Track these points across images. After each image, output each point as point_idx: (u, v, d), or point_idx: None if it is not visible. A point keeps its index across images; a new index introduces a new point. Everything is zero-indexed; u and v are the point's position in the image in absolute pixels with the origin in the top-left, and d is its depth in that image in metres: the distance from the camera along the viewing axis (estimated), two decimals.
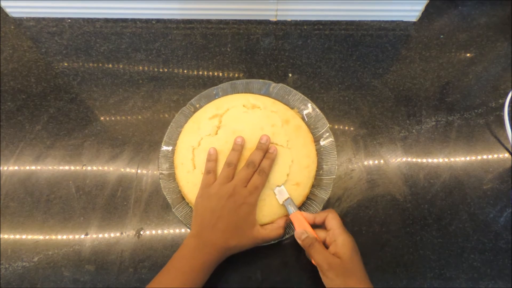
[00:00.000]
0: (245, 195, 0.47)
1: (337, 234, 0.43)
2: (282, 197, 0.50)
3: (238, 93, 0.60)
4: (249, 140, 0.53)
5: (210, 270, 0.44)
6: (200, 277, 0.43)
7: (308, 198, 0.53)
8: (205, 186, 0.49)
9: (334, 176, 0.53)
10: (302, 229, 0.46)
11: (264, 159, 0.51)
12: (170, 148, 0.56)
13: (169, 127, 0.58)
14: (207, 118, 0.56)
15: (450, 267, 0.50)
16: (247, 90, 0.61)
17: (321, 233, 0.46)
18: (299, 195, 0.52)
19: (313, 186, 0.53)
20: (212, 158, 0.51)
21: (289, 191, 0.51)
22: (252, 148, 0.52)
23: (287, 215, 0.50)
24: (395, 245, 0.52)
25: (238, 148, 0.51)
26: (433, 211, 0.54)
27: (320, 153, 0.55)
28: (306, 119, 0.58)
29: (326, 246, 0.45)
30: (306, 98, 0.59)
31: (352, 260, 0.42)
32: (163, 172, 0.54)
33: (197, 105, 0.59)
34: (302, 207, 0.52)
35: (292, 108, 0.59)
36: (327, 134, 0.56)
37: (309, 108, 0.59)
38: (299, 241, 0.46)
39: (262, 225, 0.49)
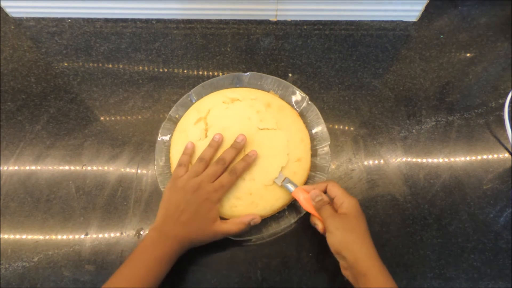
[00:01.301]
0: (209, 191, 0.47)
1: (343, 198, 0.45)
2: (279, 180, 0.51)
3: (213, 92, 0.60)
4: (240, 131, 0.54)
5: (171, 261, 0.45)
6: (162, 267, 0.44)
7: (311, 170, 0.54)
8: (174, 178, 0.49)
9: (329, 142, 0.56)
10: (318, 191, 0.47)
11: (240, 160, 0.51)
12: (162, 163, 0.55)
13: (156, 145, 0.56)
14: (192, 124, 0.56)
15: (450, 267, 0.50)
16: (219, 87, 0.60)
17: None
18: (303, 169, 0.53)
19: (312, 156, 0.55)
20: (187, 152, 0.52)
21: (293, 168, 0.52)
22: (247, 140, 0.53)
23: (251, 214, 0.49)
24: (395, 245, 0.52)
25: (214, 144, 0.52)
26: (433, 211, 0.54)
27: (307, 124, 0.58)
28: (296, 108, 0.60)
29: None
30: (277, 78, 0.60)
31: (357, 219, 0.44)
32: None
33: (177, 116, 0.59)
34: (308, 180, 0.54)
35: (268, 91, 0.60)
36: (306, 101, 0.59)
37: (297, 94, 0.60)
38: (313, 203, 0.47)
39: (223, 219, 0.49)
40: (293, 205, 0.53)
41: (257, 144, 0.54)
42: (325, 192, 0.48)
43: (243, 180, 0.51)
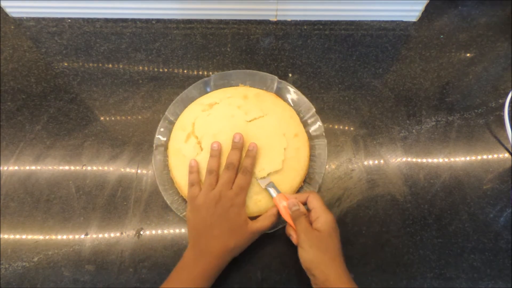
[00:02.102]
0: (232, 197, 0.47)
1: (319, 212, 0.45)
2: (264, 182, 0.51)
3: (186, 106, 0.59)
4: (231, 131, 0.54)
5: (211, 278, 0.44)
6: (202, 285, 0.43)
7: (311, 154, 0.56)
8: (192, 199, 0.49)
9: (314, 109, 0.58)
10: (296, 201, 0.47)
11: (245, 157, 0.51)
12: (171, 191, 0.54)
13: (156, 178, 0.54)
14: (183, 143, 0.55)
15: (450, 267, 0.50)
16: (190, 99, 0.60)
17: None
18: (304, 142, 0.56)
19: (304, 127, 0.57)
20: (194, 170, 0.51)
21: (294, 145, 0.55)
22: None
23: (257, 215, 0.50)
24: (395, 245, 0.52)
25: (216, 154, 0.51)
26: (433, 211, 0.54)
27: (286, 101, 0.61)
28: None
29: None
30: (238, 70, 0.62)
31: (330, 237, 0.44)
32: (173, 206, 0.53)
33: (163, 141, 0.57)
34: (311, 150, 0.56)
35: (237, 86, 0.61)
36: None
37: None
38: (289, 211, 0.47)
39: (252, 219, 0.49)
40: None
41: (252, 136, 0.54)
42: (305, 203, 0.48)
43: (255, 174, 0.52)
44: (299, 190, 0.54)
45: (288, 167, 0.53)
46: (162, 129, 0.58)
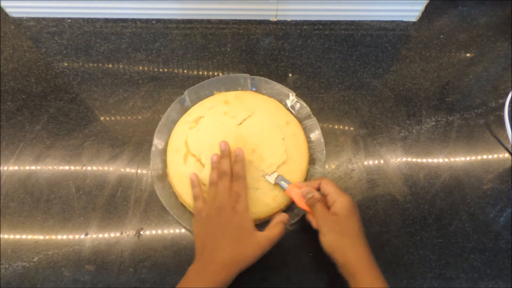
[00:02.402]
0: (232, 206, 0.47)
1: (335, 196, 0.45)
2: (272, 177, 0.51)
3: (171, 130, 0.58)
4: (225, 139, 0.53)
5: None
6: None
7: (307, 136, 0.57)
8: (197, 212, 0.49)
9: (294, 93, 0.60)
10: (310, 188, 0.47)
11: (234, 164, 0.50)
12: (177, 214, 0.52)
13: (163, 202, 0.52)
14: (182, 165, 0.54)
15: (450, 267, 0.50)
16: (172, 122, 0.58)
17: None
18: (296, 128, 0.57)
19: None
20: (195, 184, 0.51)
21: (289, 131, 0.56)
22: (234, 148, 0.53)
23: (279, 214, 0.49)
24: (395, 245, 0.52)
25: (216, 166, 0.51)
26: (433, 211, 0.54)
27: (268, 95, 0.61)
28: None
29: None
30: (209, 80, 0.61)
31: (348, 219, 0.44)
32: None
33: (160, 171, 0.55)
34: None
35: (212, 94, 0.61)
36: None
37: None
38: (304, 199, 0.47)
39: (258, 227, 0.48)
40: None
41: (247, 136, 0.55)
42: (319, 189, 0.48)
43: (259, 176, 0.52)
44: (308, 174, 0.55)
45: (292, 155, 0.54)
46: (154, 159, 0.55)
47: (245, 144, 0.54)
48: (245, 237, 0.45)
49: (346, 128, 0.61)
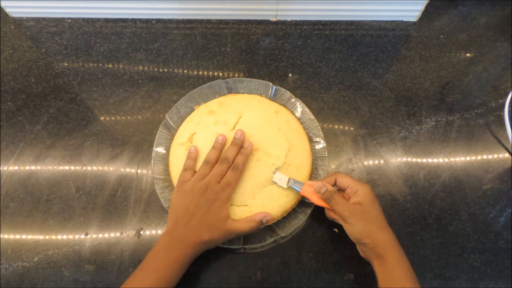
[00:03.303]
0: (218, 191, 0.47)
1: (356, 186, 0.46)
2: (284, 181, 0.51)
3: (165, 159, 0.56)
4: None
5: (184, 265, 0.45)
6: (174, 272, 0.44)
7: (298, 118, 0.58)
8: (181, 183, 0.49)
9: (272, 84, 0.60)
10: (322, 183, 0.47)
11: (239, 154, 0.51)
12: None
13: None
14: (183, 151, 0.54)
15: (450, 267, 0.50)
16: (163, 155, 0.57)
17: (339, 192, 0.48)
18: (289, 116, 0.57)
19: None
20: (192, 156, 0.52)
21: (281, 121, 0.55)
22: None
23: (263, 212, 0.49)
24: None
25: (218, 146, 0.52)
26: (433, 211, 0.54)
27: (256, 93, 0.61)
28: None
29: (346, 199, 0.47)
30: (186, 96, 0.59)
31: (373, 206, 0.45)
32: None
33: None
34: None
35: (192, 110, 0.59)
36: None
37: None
38: (320, 195, 0.47)
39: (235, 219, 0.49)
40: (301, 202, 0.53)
41: (246, 139, 0.54)
42: (335, 184, 0.48)
43: (270, 172, 0.52)
44: (312, 153, 0.56)
45: (293, 141, 0.55)
46: (159, 191, 0.53)
47: (256, 150, 0.53)
48: (219, 223, 0.47)
49: (346, 128, 0.61)
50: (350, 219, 0.44)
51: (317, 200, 0.48)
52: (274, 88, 0.60)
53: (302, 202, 0.53)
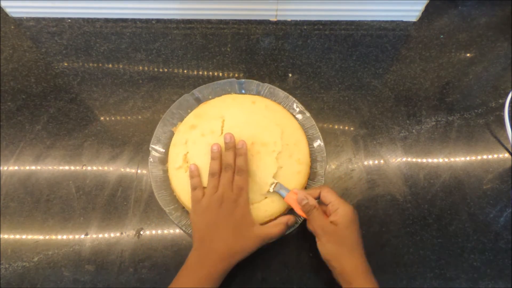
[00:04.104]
0: (234, 199, 0.47)
1: (338, 204, 0.45)
2: (271, 187, 0.51)
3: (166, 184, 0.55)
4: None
5: (217, 280, 0.44)
6: None
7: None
8: (195, 202, 0.48)
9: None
10: (304, 195, 0.47)
11: (237, 157, 0.50)
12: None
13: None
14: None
15: (450, 267, 0.50)
16: (164, 179, 0.55)
17: (321, 206, 0.48)
18: (267, 101, 0.58)
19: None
20: (195, 174, 0.51)
21: (264, 111, 0.56)
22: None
23: (286, 215, 0.49)
24: (395, 245, 0.52)
25: (217, 156, 0.50)
26: (433, 211, 0.54)
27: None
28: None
29: (327, 215, 0.46)
30: (161, 120, 0.57)
31: (348, 229, 0.44)
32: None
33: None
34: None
35: (172, 132, 0.58)
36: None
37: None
38: (300, 206, 0.47)
39: (262, 224, 0.49)
40: None
41: (239, 138, 0.54)
42: (319, 197, 0.48)
43: (274, 158, 0.52)
44: (309, 140, 0.56)
45: (283, 122, 0.56)
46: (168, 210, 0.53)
47: (252, 144, 0.53)
48: (246, 229, 0.46)
49: (346, 128, 0.61)
50: (322, 238, 0.44)
51: (298, 210, 0.48)
52: (241, 82, 0.60)
53: None
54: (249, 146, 0.53)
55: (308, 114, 0.58)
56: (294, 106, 0.60)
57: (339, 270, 0.42)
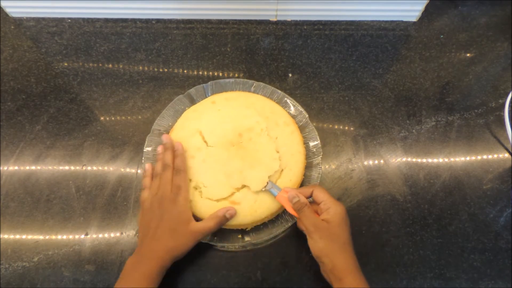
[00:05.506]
0: (173, 198, 0.47)
1: (330, 203, 0.45)
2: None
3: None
4: (223, 136, 0.54)
5: (155, 280, 0.44)
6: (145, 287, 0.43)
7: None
8: (141, 203, 0.49)
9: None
10: (296, 193, 0.47)
11: (175, 158, 0.51)
12: None
13: None
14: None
15: (450, 267, 0.50)
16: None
17: (313, 205, 0.48)
18: (245, 94, 0.59)
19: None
20: (146, 174, 0.51)
21: (250, 101, 0.57)
22: (226, 144, 0.53)
23: (226, 207, 0.49)
24: (395, 245, 0.52)
25: (161, 157, 0.51)
26: (433, 211, 0.54)
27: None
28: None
29: (318, 214, 0.47)
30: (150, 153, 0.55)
31: (340, 227, 0.44)
32: None
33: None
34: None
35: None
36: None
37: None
38: (291, 203, 0.47)
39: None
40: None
41: (236, 132, 0.54)
42: (310, 196, 0.48)
43: (272, 140, 0.53)
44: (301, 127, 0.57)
45: (269, 110, 0.57)
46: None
47: (240, 135, 0.54)
48: (181, 227, 0.46)
49: (346, 128, 0.61)
50: (314, 234, 0.44)
51: (289, 208, 0.48)
52: (186, 93, 0.59)
53: None
54: (238, 138, 0.53)
55: (262, 84, 0.60)
56: (252, 88, 0.61)
57: (330, 267, 0.43)
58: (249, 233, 0.51)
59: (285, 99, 0.60)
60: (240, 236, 0.51)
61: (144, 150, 0.55)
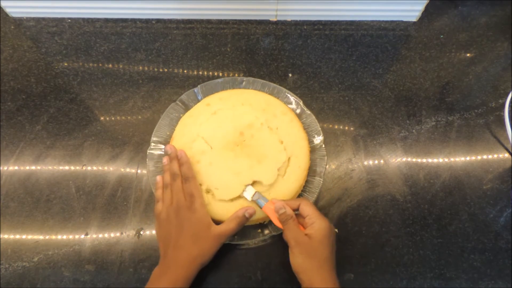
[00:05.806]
0: (188, 206, 0.47)
1: (315, 218, 0.45)
2: (249, 194, 0.50)
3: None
4: (224, 138, 0.53)
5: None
6: None
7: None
8: (157, 216, 0.49)
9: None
10: (282, 204, 0.47)
11: (180, 166, 0.50)
12: None
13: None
14: None
15: (450, 267, 0.50)
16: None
17: (299, 218, 0.47)
18: (238, 91, 0.59)
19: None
20: (158, 186, 0.51)
21: (243, 97, 0.57)
22: (227, 144, 0.53)
23: (244, 207, 0.49)
24: (395, 245, 0.52)
25: (167, 168, 0.51)
26: (433, 211, 0.54)
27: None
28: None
29: (304, 228, 0.46)
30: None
31: (321, 243, 0.43)
32: None
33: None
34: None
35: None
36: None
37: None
38: (277, 214, 0.47)
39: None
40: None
41: (237, 130, 0.54)
42: (297, 210, 0.47)
43: (272, 133, 0.53)
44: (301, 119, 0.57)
45: (259, 101, 0.57)
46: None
47: (241, 134, 0.53)
48: (202, 233, 0.46)
49: (346, 128, 0.61)
50: (294, 249, 0.44)
51: (275, 220, 0.48)
52: (178, 99, 0.58)
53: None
54: (241, 137, 0.53)
55: (252, 79, 0.60)
56: (243, 84, 0.61)
57: (307, 284, 0.42)
58: (268, 225, 0.51)
59: (276, 90, 0.60)
60: (259, 230, 0.51)
61: (149, 169, 0.54)
